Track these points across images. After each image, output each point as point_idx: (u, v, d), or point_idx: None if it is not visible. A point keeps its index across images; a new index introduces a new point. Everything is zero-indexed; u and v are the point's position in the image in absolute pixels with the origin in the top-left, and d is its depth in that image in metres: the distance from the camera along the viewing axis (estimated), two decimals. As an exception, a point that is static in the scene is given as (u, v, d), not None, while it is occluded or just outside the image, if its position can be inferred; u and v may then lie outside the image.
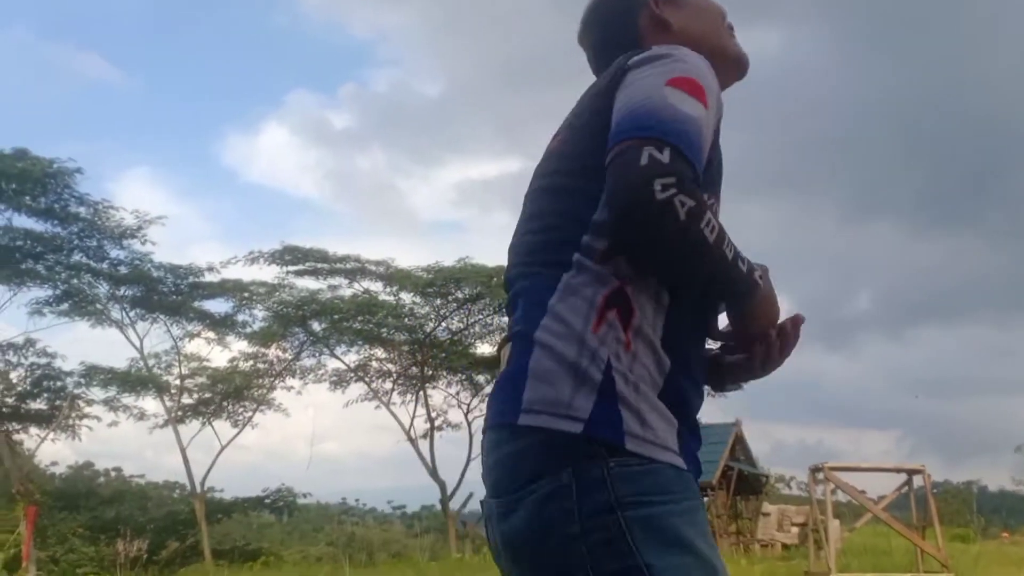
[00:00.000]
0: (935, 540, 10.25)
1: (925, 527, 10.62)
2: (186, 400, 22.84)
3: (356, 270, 22.54)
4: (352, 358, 24.66)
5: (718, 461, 21.23)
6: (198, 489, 21.69)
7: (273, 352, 23.90)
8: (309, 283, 22.54)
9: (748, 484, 23.88)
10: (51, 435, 22.07)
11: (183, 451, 21.74)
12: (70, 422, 22.11)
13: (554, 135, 1.46)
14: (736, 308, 1.34)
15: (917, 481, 10.82)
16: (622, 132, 1.21)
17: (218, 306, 22.70)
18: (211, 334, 23.03)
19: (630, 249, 1.24)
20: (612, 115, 1.27)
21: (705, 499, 22.48)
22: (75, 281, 20.37)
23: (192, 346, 23.22)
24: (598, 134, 1.28)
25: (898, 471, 11.07)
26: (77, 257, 20.09)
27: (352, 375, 24.89)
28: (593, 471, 1.17)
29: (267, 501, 24.92)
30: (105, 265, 20.42)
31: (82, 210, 19.01)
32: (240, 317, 22.96)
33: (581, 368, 1.21)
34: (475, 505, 23.96)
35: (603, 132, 1.26)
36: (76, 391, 21.85)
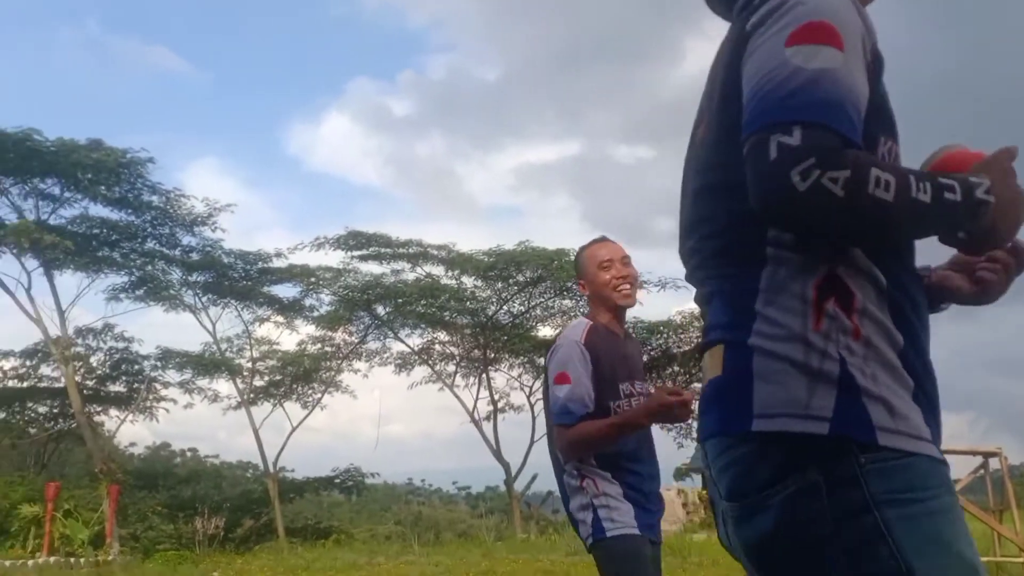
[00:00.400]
0: (1013, 524, 9.96)
1: (1002, 511, 10.32)
2: (258, 383, 23.44)
3: (418, 254, 22.80)
4: (416, 341, 25.02)
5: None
6: (271, 469, 22.31)
7: (340, 335, 24.38)
8: (373, 268, 22.94)
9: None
10: (130, 417, 22.99)
11: (256, 432, 22.36)
12: (148, 404, 22.96)
13: (697, 120, 1.36)
14: (973, 233, 1.18)
15: (993, 464, 10.51)
16: (747, 126, 1.12)
17: (286, 291, 23.27)
18: (280, 318, 23.60)
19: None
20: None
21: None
22: (149, 268, 21.01)
23: (262, 330, 23.83)
24: (737, 118, 1.17)
25: (973, 454, 10.74)
26: (151, 244, 20.74)
27: (416, 358, 25.23)
28: (844, 468, 1.08)
29: (337, 481, 25.49)
30: (178, 252, 21.07)
31: (155, 199, 19.57)
32: (307, 301, 23.50)
33: (812, 368, 1.11)
34: (539, 486, 24.25)
35: (741, 115, 1.16)
36: (153, 374, 22.70)
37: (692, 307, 26.36)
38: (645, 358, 16.72)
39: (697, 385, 28.17)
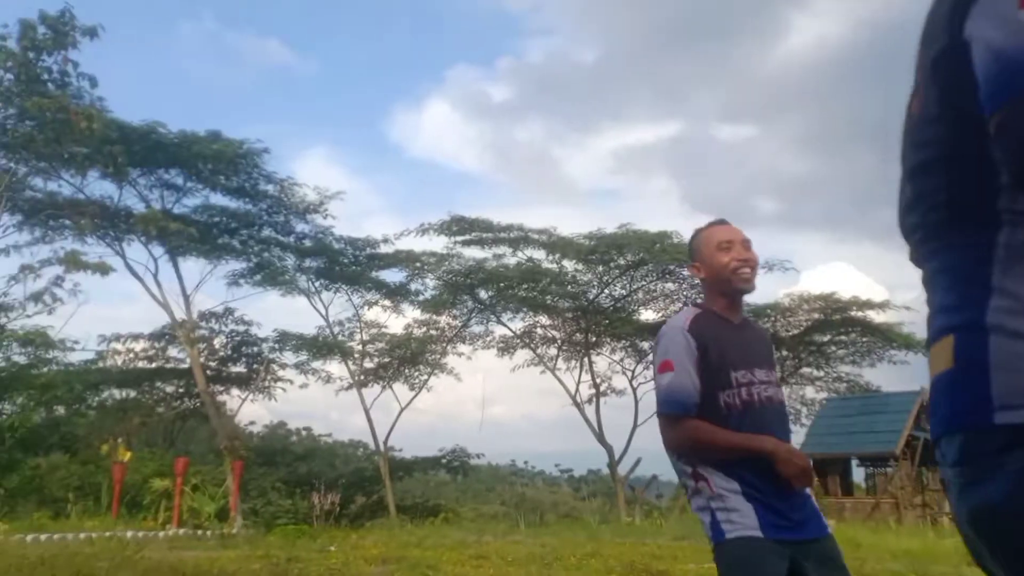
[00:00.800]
0: None
1: None
2: (367, 364, 24.21)
3: (520, 239, 22.93)
4: (518, 325, 25.27)
5: (901, 430, 20.24)
6: (381, 448, 23.02)
7: (444, 319, 24.87)
8: (475, 252, 23.25)
9: (935, 454, 22.56)
10: (250, 396, 24.13)
11: (367, 412, 23.09)
12: (266, 384, 24.04)
13: (912, 92, 1.28)
14: None
15: None
16: (999, 96, 1.03)
17: (393, 276, 23.90)
18: (387, 302, 24.25)
19: None
20: (969, 59, 1.08)
21: (888, 469, 21.44)
22: (266, 254, 21.89)
23: (371, 314, 24.56)
24: (960, 87, 1.10)
25: None
26: (267, 232, 21.56)
27: (518, 341, 25.48)
28: None
29: (443, 461, 26.13)
30: (292, 239, 21.87)
31: (270, 188, 20.30)
32: (413, 286, 24.08)
33: None
34: (643, 470, 24.22)
35: (965, 85, 1.08)
36: (271, 356, 23.74)
37: (801, 289, 25.59)
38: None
39: (811, 392, 27.26)
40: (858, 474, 23.71)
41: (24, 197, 17.44)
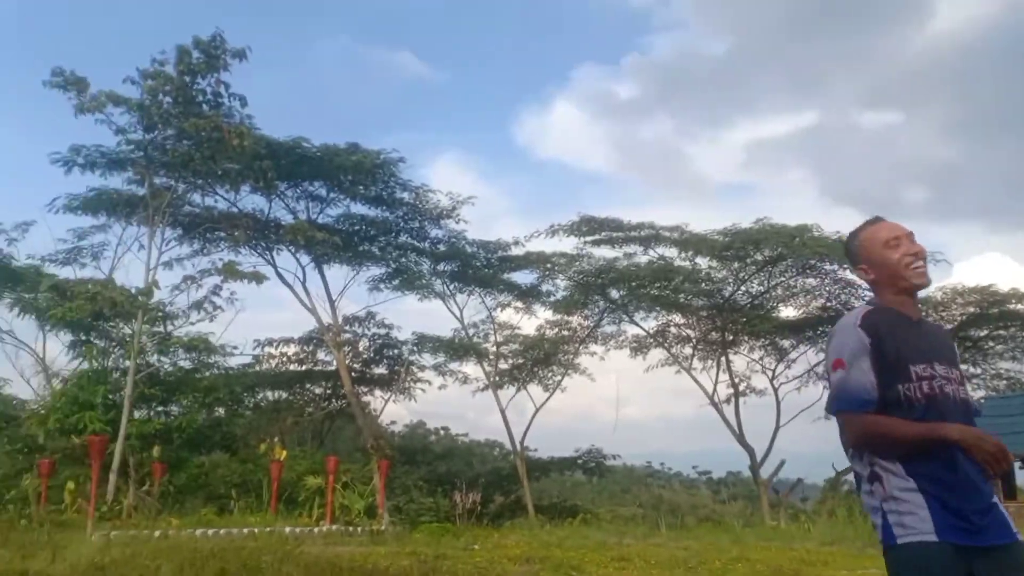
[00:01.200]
0: None
1: None
2: (502, 365, 24.61)
3: (650, 237, 22.71)
4: (651, 324, 25.06)
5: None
6: (517, 448, 23.33)
7: (576, 319, 24.97)
8: (605, 252, 23.23)
9: None
10: (392, 397, 25.01)
11: (503, 412, 23.51)
12: (406, 385, 24.87)
13: None
14: None
15: None
16: None
17: (524, 277, 24.27)
18: (519, 304, 24.59)
19: None
20: None
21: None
22: (403, 259, 22.69)
23: (504, 315, 24.99)
24: None
25: None
26: (404, 238, 22.30)
27: (651, 341, 25.24)
28: None
29: (579, 462, 26.22)
30: (427, 244, 22.53)
31: (405, 195, 21.00)
32: (544, 287, 24.34)
33: None
34: (787, 473, 23.51)
35: None
36: (410, 358, 24.54)
37: (954, 282, 24.20)
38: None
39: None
40: (1022, 477, 22.24)
41: (183, 212, 18.73)
